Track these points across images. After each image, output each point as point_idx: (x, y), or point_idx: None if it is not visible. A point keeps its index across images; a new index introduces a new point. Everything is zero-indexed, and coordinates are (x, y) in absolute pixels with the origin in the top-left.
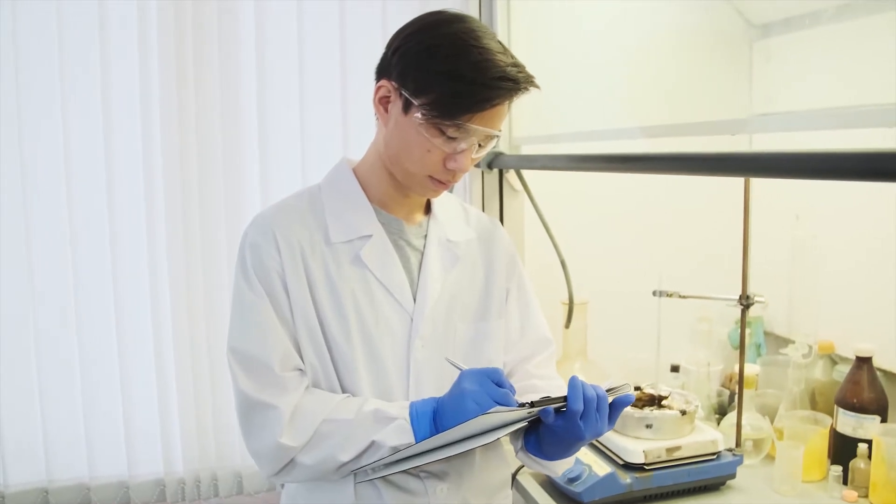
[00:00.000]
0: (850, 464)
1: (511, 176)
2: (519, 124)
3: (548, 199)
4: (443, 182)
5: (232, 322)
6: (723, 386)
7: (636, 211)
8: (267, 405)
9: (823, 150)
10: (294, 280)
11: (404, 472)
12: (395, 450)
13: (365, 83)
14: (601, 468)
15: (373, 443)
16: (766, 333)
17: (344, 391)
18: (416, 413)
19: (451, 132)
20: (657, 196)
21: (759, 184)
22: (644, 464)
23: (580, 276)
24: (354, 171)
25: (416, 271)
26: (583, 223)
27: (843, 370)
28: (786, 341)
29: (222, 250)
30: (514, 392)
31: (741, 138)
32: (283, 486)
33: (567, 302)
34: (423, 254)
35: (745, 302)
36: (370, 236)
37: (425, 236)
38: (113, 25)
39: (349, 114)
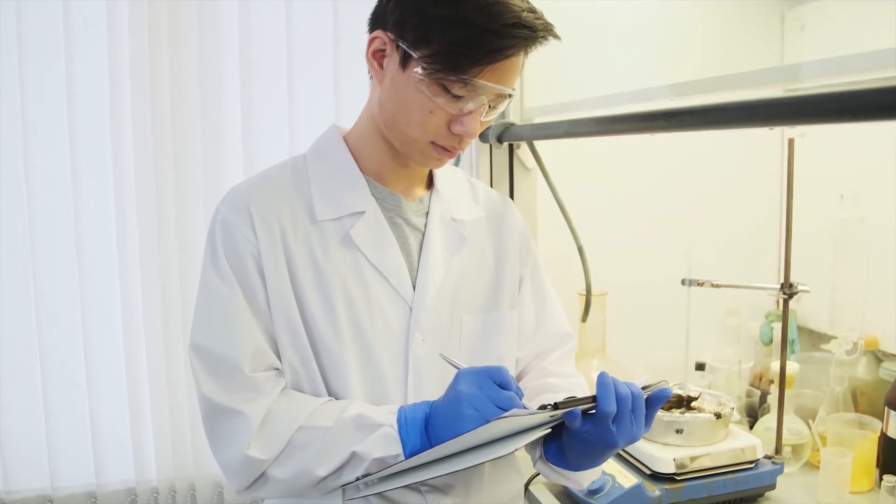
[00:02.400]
0: None
1: (522, 152)
2: (531, 94)
3: (562, 179)
4: (447, 149)
5: (196, 313)
6: (752, 385)
7: (659, 192)
8: (233, 411)
9: None
10: (272, 264)
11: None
12: (382, 462)
13: (360, 40)
14: (626, 479)
15: (353, 454)
16: (800, 328)
17: (331, 394)
18: (404, 419)
19: (456, 90)
20: (682, 174)
21: (798, 159)
22: (674, 473)
23: (599, 265)
24: (345, 139)
25: (416, 254)
26: (601, 206)
27: (890, 368)
28: (821, 336)
29: (200, 234)
30: (521, 395)
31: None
32: (263, 500)
33: (584, 293)
34: (423, 234)
35: (788, 291)
36: (362, 213)
37: (426, 214)
38: None
39: (342, 74)
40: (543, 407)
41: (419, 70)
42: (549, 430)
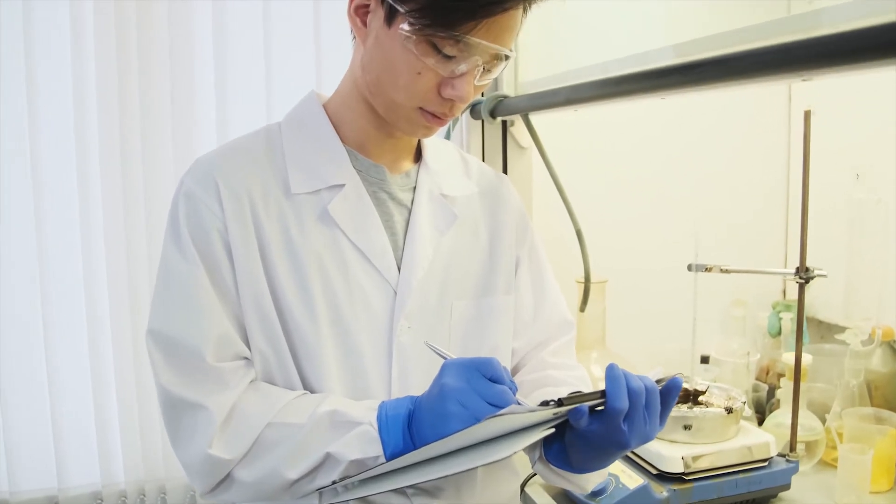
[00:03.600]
0: None
1: (517, 129)
2: (526, 67)
3: (559, 160)
4: (437, 116)
5: (155, 296)
6: (758, 380)
7: (661, 174)
8: (195, 405)
9: None
10: (240, 241)
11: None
12: (361, 465)
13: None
14: (631, 479)
15: (328, 455)
16: (807, 319)
17: (306, 387)
18: (385, 417)
19: (447, 49)
20: (684, 155)
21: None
22: (683, 473)
23: (598, 251)
24: (325, 106)
25: (402, 232)
26: (600, 188)
27: None
28: (830, 327)
29: None
30: (515, 390)
31: None
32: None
33: (582, 280)
34: (410, 210)
35: (805, 276)
36: (342, 186)
37: (413, 189)
38: None
39: (323, 36)
40: (545, 403)
41: (406, 26)
42: (552, 429)
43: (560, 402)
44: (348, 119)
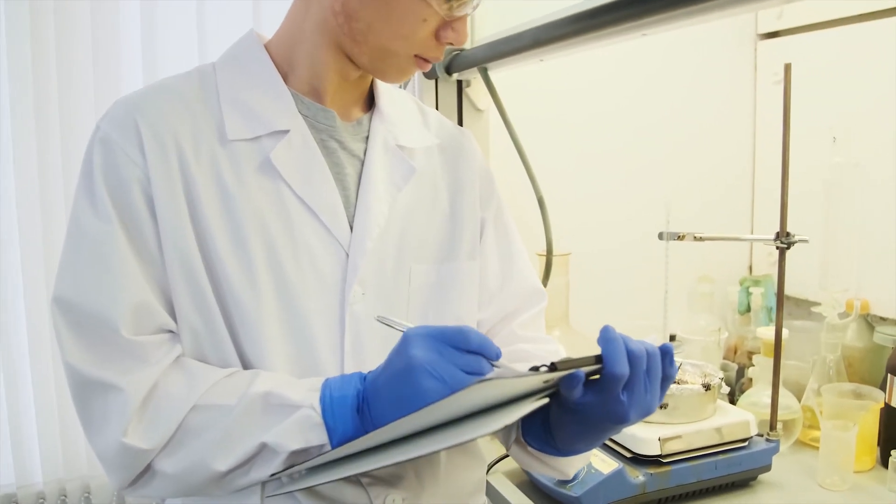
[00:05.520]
0: None
1: (473, 91)
2: (482, 24)
3: (519, 128)
4: (428, 61)
5: (62, 259)
6: (725, 359)
7: (627, 145)
8: (107, 386)
9: None
10: (166, 196)
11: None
12: (304, 455)
13: None
14: (605, 464)
15: (263, 446)
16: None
17: (245, 366)
18: (329, 398)
19: None
20: (650, 125)
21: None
22: (660, 456)
23: (561, 224)
24: (266, 47)
25: (355, 187)
26: (562, 159)
27: (888, 332)
28: (798, 303)
29: None
30: (499, 355)
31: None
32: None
33: (544, 253)
34: (363, 162)
35: (786, 240)
36: (286, 132)
37: (366, 139)
38: None
39: None
40: (535, 369)
41: None
42: (546, 399)
43: (553, 367)
44: (300, 61)
